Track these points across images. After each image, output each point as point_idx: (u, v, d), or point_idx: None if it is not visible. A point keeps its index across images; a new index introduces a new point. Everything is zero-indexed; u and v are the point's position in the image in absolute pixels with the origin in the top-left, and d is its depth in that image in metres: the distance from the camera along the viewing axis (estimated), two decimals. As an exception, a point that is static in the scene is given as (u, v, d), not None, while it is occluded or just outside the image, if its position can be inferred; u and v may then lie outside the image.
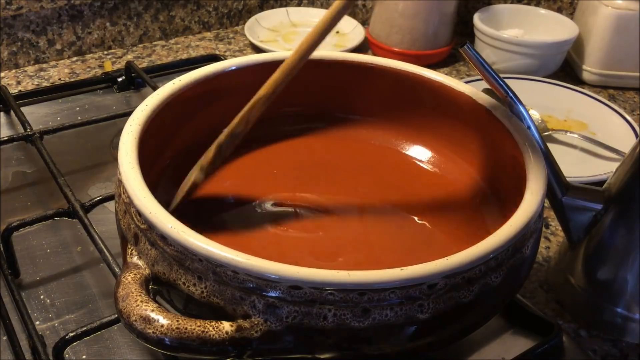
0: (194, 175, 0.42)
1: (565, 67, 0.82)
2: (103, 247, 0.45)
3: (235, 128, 0.41)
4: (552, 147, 0.46)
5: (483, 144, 0.46)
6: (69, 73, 0.76)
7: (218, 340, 0.31)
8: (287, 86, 0.50)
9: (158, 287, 0.35)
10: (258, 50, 0.82)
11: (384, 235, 0.43)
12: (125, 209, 0.36)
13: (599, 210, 0.45)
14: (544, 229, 0.56)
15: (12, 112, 0.64)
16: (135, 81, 0.72)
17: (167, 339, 0.30)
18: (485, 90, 0.45)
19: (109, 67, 0.77)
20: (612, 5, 0.75)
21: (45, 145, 0.56)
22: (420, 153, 0.50)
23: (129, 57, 0.80)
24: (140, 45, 0.83)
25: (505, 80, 0.43)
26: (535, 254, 0.38)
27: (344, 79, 0.50)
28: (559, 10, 0.87)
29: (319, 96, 0.51)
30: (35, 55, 0.76)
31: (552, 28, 0.81)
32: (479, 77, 0.46)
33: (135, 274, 0.33)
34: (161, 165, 0.45)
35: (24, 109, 0.63)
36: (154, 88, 0.64)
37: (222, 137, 0.42)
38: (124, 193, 0.36)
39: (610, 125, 0.70)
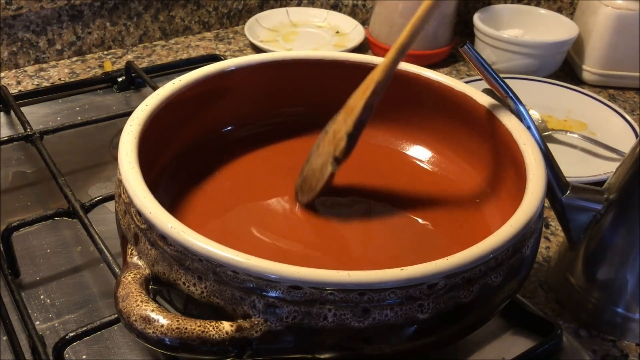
0: (328, 167, 0.43)
1: (565, 67, 0.82)
2: (103, 247, 0.45)
3: (360, 116, 0.42)
4: (552, 147, 0.46)
5: (483, 144, 0.46)
6: (69, 73, 0.76)
7: (218, 340, 0.31)
8: (286, 86, 0.50)
9: (158, 287, 0.35)
10: (258, 50, 0.82)
11: (384, 235, 0.43)
12: (125, 209, 0.36)
13: (599, 210, 0.45)
14: (544, 229, 0.56)
15: (12, 112, 0.64)
16: (135, 81, 0.72)
17: (167, 339, 0.31)
18: (485, 90, 0.45)
19: (109, 67, 0.77)
20: (612, 5, 0.75)
21: (45, 145, 0.56)
22: (420, 153, 0.50)
23: (129, 57, 0.80)
24: (140, 45, 0.83)
25: (505, 80, 0.43)
26: (535, 254, 0.38)
27: (344, 79, 0.50)
28: (559, 10, 0.87)
29: (319, 96, 0.51)
30: (35, 55, 0.76)
31: (552, 28, 0.81)
32: (479, 77, 0.46)
33: (135, 274, 0.33)
34: (161, 165, 0.45)
35: (24, 109, 0.63)
36: (154, 88, 0.64)
37: (346, 127, 0.42)
38: (124, 193, 0.36)
39: (610, 125, 0.70)
